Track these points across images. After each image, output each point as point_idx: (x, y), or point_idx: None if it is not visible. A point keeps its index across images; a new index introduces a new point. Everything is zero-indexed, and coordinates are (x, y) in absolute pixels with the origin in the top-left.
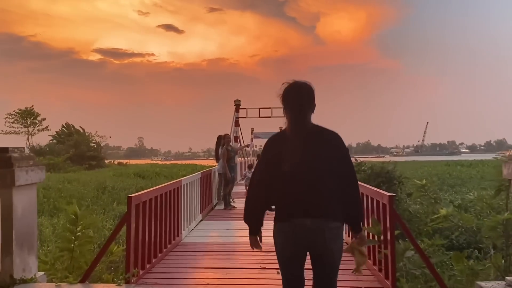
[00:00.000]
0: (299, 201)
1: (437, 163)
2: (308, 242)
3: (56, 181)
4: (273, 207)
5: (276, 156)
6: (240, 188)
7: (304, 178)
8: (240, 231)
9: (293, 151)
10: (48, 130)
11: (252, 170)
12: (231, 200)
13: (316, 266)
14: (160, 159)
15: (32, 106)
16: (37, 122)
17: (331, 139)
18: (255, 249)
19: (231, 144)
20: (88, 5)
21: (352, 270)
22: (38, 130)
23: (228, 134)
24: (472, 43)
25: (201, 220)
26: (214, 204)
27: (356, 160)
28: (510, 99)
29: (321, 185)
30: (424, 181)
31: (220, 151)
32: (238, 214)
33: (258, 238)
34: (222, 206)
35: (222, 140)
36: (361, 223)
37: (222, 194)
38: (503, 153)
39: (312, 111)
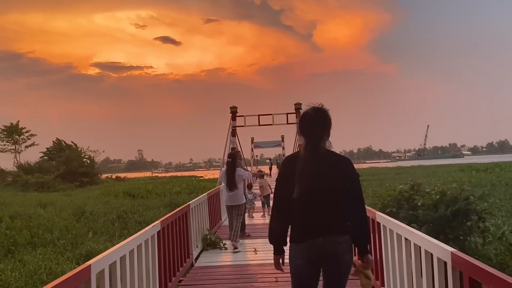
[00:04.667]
0: (311, 223)
1: (445, 167)
2: (321, 257)
3: (29, 206)
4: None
5: (291, 178)
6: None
7: (315, 201)
8: None
9: (303, 177)
10: (35, 145)
11: (252, 190)
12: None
13: (327, 278)
14: (160, 171)
15: (18, 121)
16: (24, 138)
17: (342, 164)
18: (277, 271)
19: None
20: (85, 20)
21: None
22: (26, 146)
23: (237, 151)
24: (468, 44)
25: None
26: (194, 256)
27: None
28: (510, 99)
29: (331, 207)
30: None
31: (239, 172)
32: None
33: (281, 260)
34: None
35: (238, 158)
36: (367, 245)
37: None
38: None
39: (328, 137)
